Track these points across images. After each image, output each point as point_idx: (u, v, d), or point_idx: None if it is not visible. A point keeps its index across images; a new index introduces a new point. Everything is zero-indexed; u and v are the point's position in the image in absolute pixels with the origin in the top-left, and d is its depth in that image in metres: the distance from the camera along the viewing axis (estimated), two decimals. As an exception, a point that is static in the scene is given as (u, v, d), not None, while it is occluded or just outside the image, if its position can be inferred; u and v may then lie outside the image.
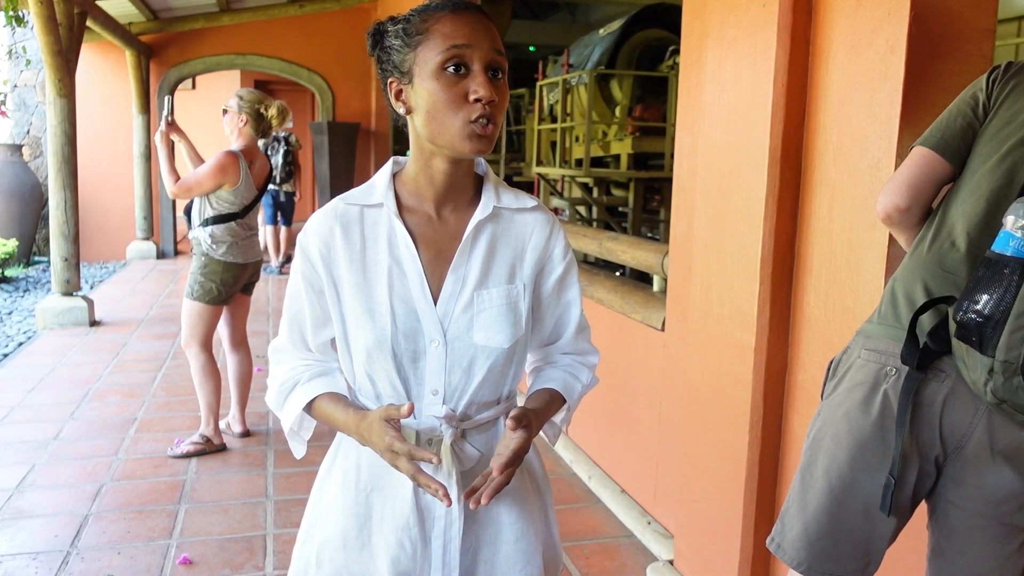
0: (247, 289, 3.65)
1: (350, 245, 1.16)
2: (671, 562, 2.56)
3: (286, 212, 8.36)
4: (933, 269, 1.37)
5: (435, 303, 1.15)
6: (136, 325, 6.07)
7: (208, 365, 3.51)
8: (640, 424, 2.98)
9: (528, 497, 1.25)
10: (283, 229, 8.36)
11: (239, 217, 3.46)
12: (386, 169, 1.21)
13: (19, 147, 9.11)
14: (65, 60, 5.72)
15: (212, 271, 3.43)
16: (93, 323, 6.02)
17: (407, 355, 1.15)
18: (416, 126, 1.14)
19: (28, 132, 9.79)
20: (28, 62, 9.33)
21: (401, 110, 1.15)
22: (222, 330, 3.67)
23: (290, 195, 8.39)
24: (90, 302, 6.06)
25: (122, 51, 8.92)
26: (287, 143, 8.25)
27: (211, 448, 3.55)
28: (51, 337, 5.63)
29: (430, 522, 1.19)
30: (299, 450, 1.28)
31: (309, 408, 1.22)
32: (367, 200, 1.18)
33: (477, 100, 1.07)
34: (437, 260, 1.17)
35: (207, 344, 3.50)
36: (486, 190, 1.20)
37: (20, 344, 5.55)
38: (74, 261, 5.97)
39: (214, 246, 3.42)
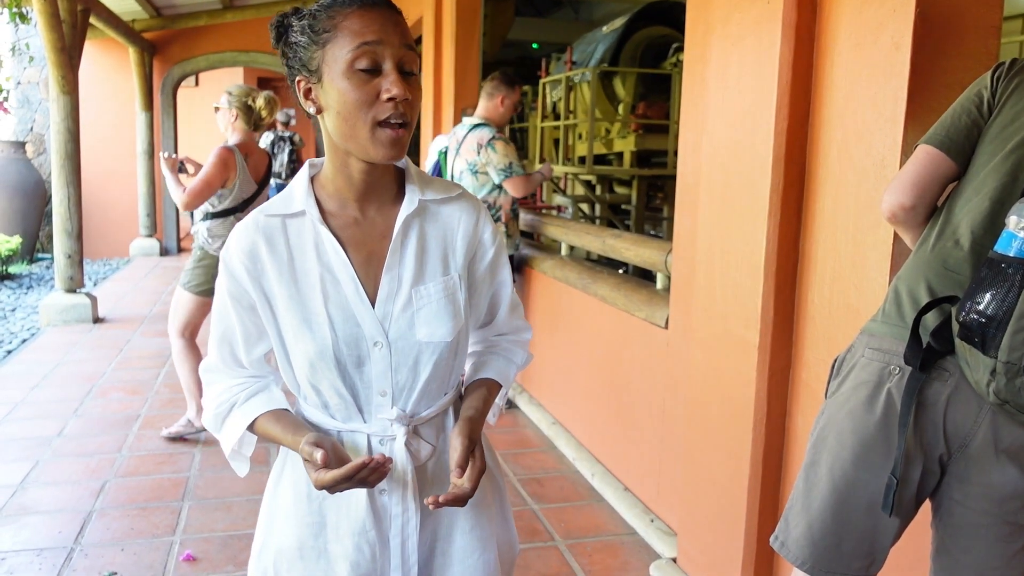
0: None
1: (277, 258, 1.13)
2: (674, 560, 2.56)
3: None
4: (937, 268, 1.36)
5: (372, 305, 1.13)
6: (139, 322, 6.08)
7: (186, 349, 3.57)
8: (643, 422, 2.98)
9: (482, 487, 1.25)
10: None
11: (238, 212, 3.49)
12: (303, 174, 1.17)
13: (22, 144, 9.13)
14: (68, 57, 5.72)
15: (207, 265, 3.47)
16: (96, 320, 6.04)
17: (351, 361, 1.12)
18: (327, 127, 1.10)
19: (32, 129, 9.81)
20: (31, 59, 9.33)
21: (311, 109, 1.10)
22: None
23: None
24: (93, 299, 6.07)
25: (125, 48, 8.93)
26: (292, 142, 8.30)
27: (195, 430, 3.65)
28: (54, 334, 5.64)
29: (387, 522, 1.18)
30: (242, 469, 1.25)
31: (251, 428, 1.19)
32: (287, 210, 1.14)
33: (390, 99, 1.03)
34: (369, 262, 1.14)
35: (187, 332, 3.55)
36: (409, 184, 1.17)
37: (24, 341, 5.56)
38: (77, 258, 5.98)
39: (210, 240, 3.47)
